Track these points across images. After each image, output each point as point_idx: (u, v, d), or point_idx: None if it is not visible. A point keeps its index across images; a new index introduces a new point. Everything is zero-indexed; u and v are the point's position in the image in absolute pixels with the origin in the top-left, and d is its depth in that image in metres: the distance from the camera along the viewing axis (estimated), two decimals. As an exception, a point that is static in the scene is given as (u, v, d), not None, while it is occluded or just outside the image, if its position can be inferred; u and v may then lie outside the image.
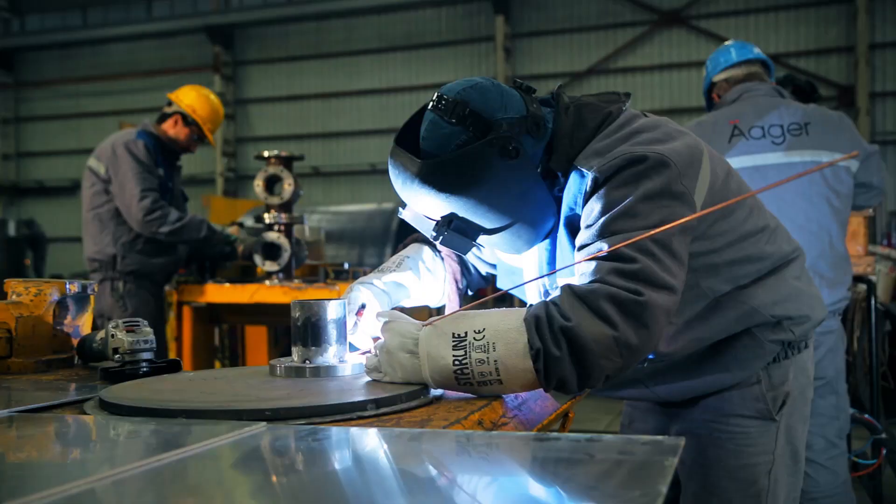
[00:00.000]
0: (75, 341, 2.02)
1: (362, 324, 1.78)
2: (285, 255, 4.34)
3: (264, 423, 1.25)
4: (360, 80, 18.57)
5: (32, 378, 1.79)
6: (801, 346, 1.85)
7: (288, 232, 4.40)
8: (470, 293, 2.07)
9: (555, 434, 1.13)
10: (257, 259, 4.37)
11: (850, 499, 3.20)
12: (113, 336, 1.76)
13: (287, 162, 4.44)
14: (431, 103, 1.64)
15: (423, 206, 1.65)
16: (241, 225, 4.91)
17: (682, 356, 1.77)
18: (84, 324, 2.05)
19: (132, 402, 1.37)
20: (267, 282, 4.36)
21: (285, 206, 4.40)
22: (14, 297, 1.94)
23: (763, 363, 1.79)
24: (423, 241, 2.03)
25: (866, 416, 3.67)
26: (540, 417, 1.59)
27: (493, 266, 2.03)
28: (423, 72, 18.23)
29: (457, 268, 2.00)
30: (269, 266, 4.36)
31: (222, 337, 6.07)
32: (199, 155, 18.85)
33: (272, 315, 4.65)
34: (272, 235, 4.37)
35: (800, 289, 1.79)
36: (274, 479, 1.02)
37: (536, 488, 0.92)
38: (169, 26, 19.36)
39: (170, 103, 4.67)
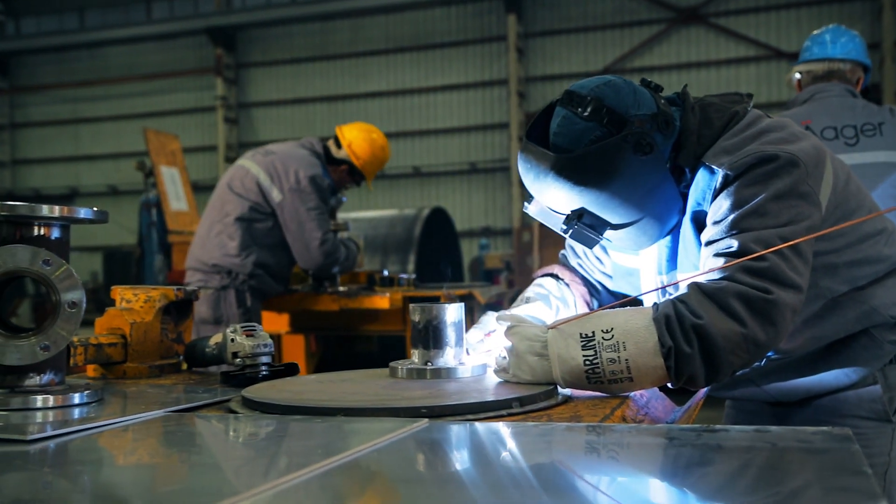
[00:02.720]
0: (178, 347, 2.12)
1: (488, 342, 1.87)
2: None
3: (426, 420, 1.35)
4: (367, 83, 18.72)
5: (150, 382, 1.89)
6: None
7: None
8: None
9: (721, 426, 1.23)
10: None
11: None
12: (233, 340, 1.86)
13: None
14: (562, 100, 1.75)
15: (555, 200, 1.76)
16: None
17: (799, 355, 1.87)
18: (186, 330, 2.15)
19: (285, 402, 1.47)
20: (329, 289, 4.45)
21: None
22: (124, 303, 2.04)
23: (880, 364, 1.89)
24: (545, 276, 2.14)
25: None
26: (665, 415, 1.69)
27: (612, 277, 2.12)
28: (433, 73, 18.38)
29: (584, 290, 2.11)
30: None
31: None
32: (201, 161, 19.01)
33: (322, 321, 4.77)
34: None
35: None
36: (464, 469, 1.12)
37: (752, 473, 1.02)
38: (169, 28, 19.54)
39: (338, 143, 4.66)
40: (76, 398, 1.52)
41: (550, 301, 2.04)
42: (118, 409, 1.51)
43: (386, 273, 4.97)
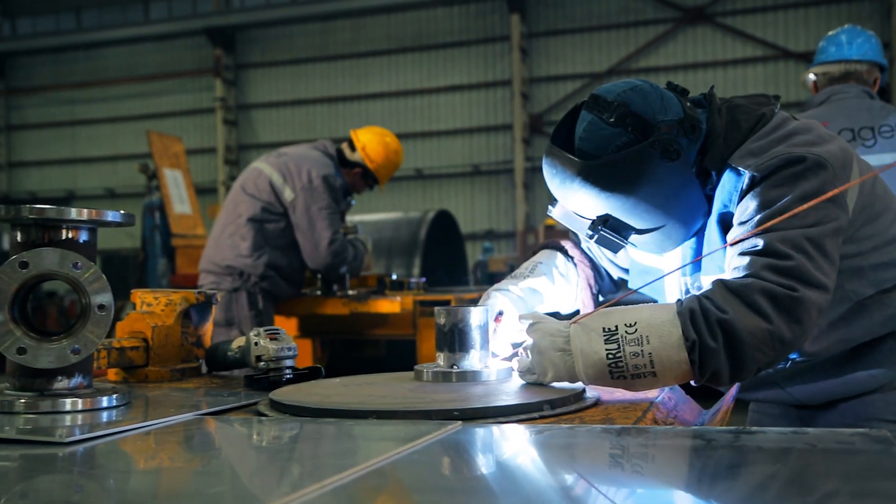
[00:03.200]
0: (198, 351, 2.14)
1: (501, 330, 1.90)
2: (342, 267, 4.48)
3: (459, 423, 1.37)
4: (369, 83, 18.76)
5: (172, 386, 1.91)
6: None
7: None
8: (601, 299, 2.19)
9: (758, 428, 1.25)
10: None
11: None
12: (256, 344, 1.88)
13: (342, 171, 4.59)
14: (588, 104, 1.77)
15: (580, 205, 1.78)
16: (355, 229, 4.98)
17: (824, 357, 1.89)
18: (205, 333, 2.17)
19: (315, 405, 1.50)
20: (339, 292, 4.48)
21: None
22: (144, 306, 2.06)
23: None
24: (555, 247, 2.17)
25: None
26: (693, 418, 1.72)
27: (626, 270, 2.15)
28: (435, 74, 18.42)
29: (590, 273, 2.14)
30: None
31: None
32: (200, 163, 19.04)
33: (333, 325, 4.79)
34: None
35: None
36: (505, 473, 1.14)
37: (797, 474, 1.04)
38: (167, 28, 19.59)
39: (352, 146, 4.72)
40: (104, 401, 1.54)
41: (554, 276, 2.08)
42: (148, 413, 1.53)
43: (394, 277, 4.99)
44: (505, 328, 1.92)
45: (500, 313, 1.96)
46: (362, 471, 1.06)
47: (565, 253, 2.16)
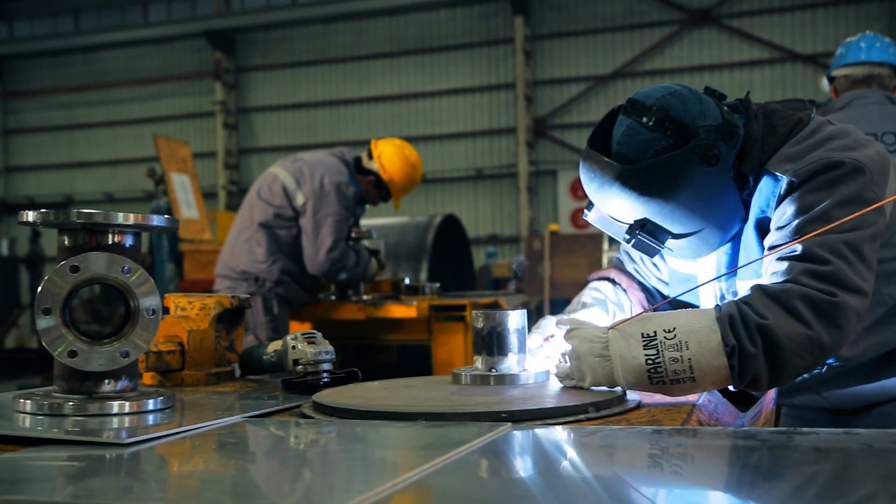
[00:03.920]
0: (231, 355, 2.17)
1: (547, 348, 1.93)
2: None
3: (509, 424, 1.40)
4: (371, 87, 18.79)
5: (209, 389, 1.94)
6: None
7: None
8: None
9: (807, 430, 1.29)
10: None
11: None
12: (294, 348, 1.92)
13: (355, 175, 4.63)
14: (626, 108, 1.80)
15: (618, 209, 1.82)
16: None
17: (860, 361, 1.92)
18: (237, 338, 2.20)
19: (363, 407, 1.53)
20: (353, 297, 4.52)
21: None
22: (179, 311, 2.09)
23: None
24: (601, 279, 2.20)
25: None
26: (732, 421, 1.75)
27: (667, 283, 2.18)
28: (438, 76, 18.46)
29: (641, 296, 2.17)
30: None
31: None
32: (200, 167, 19.05)
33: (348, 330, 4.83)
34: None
35: None
36: (564, 472, 1.17)
37: (859, 474, 1.07)
38: (167, 31, 19.62)
39: (370, 154, 4.77)
40: (150, 404, 1.58)
41: (608, 306, 2.10)
42: (195, 416, 1.56)
43: (407, 281, 5.03)
44: (551, 348, 1.94)
45: (551, 336, 1.97)
46: (426, 471, 1.09)
47: (613, 282, 2.19)
